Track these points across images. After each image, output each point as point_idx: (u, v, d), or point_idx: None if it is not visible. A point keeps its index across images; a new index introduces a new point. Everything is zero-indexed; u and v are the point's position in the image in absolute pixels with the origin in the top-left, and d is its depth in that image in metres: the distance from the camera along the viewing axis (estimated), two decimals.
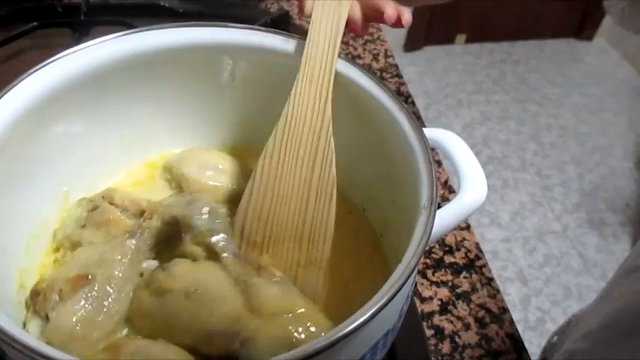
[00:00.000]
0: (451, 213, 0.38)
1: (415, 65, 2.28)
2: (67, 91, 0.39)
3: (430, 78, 2.23)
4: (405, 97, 0.74)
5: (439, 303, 0.51)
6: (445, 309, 0.51)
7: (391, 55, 0.81)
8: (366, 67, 0.47)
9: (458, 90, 2.19)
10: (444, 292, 0.52)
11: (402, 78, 0.77)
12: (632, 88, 2.29)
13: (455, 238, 0.57)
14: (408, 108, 0.38)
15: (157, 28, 0.42)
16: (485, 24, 2.39)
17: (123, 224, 0.42)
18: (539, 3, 2.35)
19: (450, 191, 0.62)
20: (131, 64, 0.42)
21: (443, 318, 0.50)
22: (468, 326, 0.50)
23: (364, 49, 0.82)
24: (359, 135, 0.43)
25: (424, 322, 0.49)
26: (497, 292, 0.53)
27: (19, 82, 0.36)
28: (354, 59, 0.78)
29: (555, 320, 1.44)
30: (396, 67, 0.79)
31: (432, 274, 0.54)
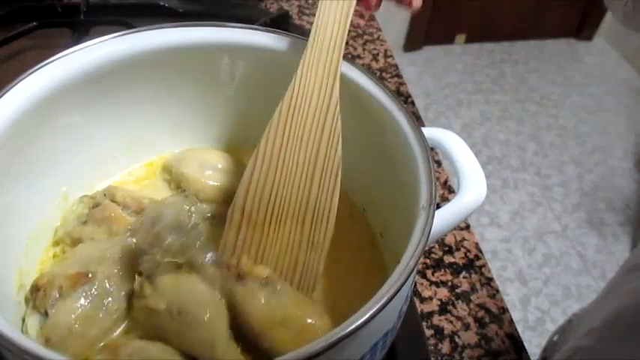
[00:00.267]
0: (450, 213, 0.38)
1: (415, 65, 2.28)
2: (67, 91, 0.39)
3: (430, 78, 2.23)
4: (405, 97, 0.74)
5: (439, 303, 0.51)
6: (445, 309, 0.51)
7: (391, 55, 0.81)
8: (366, 67, 0.47)
9: (457, 90, 2.19)
10: (443, 292, 0.52)
11: (401, 78, 0.77)
12: (632, 88, 2.29)
13: (454, 238, 0.57)
14: (407, 108, 0.38)
15: (157, 28, 0.42)
16: (485, 24, 2.39)
17: (124, 221, 0.42)
18: (539, 3, 2.35)
19: (450, 191, 0.62)
20: (130, 64, 0.42)
21: (442, 318, 0.50)
22: (467, 326, 0.50)
23: (364, 49, 0.82)
24: (359, 135, 0.43)
25: (424, 322, 0.49)
26: (497, 292, 0.53)
27: (18, 82, 0.36)
28: (353, 59, 0.78)
29: (555, 320, 1.44)
30: (396, 67, 0.79)
31: (432, 274, 0.54)
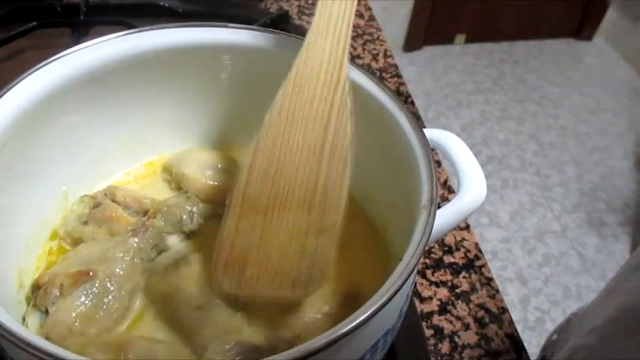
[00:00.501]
0: (451, 213, 0.38)
1: (415, 65, 2.28)
2: (67, 91, 0.39)
3: (430, 78, 2.23)
4: (405, 97, 0.74)
5: (438, 303, 0.51)
6: (444, 309, 0.51)
7: (391, 55, 0.81)
8: (366, 67, 0.47)
9: (457, 90, 2.19)
10: (443, 292, 0.52)
11: (401, 78, 0.77)
12: (632, 88, 2.29)
13: (454, 238, 0.57)
14: (408, 108, 0.38)
15: (157, 28, 0.42)
16: (485, 24, 2.39)
17: (125, 221, 0.42)
18: (538, 3, 2.36)
19: (450, 191, 0.62)
20: (130, 64, 0.42)
21: (442, 318, 0.50)
22: (467, 326, 0.50)
23: (364, 49, 0.82)
24: (359, 135, 0.42)
25: (424, 322, 0.50)
26: (497, 292, 0.53)
27: (18, 82, 0.36)
28: (353, 59, 0.78)
29: (554, 320, 1.44)
30: (396, 67, 0.79)
31: (432, 274, 0.54)
